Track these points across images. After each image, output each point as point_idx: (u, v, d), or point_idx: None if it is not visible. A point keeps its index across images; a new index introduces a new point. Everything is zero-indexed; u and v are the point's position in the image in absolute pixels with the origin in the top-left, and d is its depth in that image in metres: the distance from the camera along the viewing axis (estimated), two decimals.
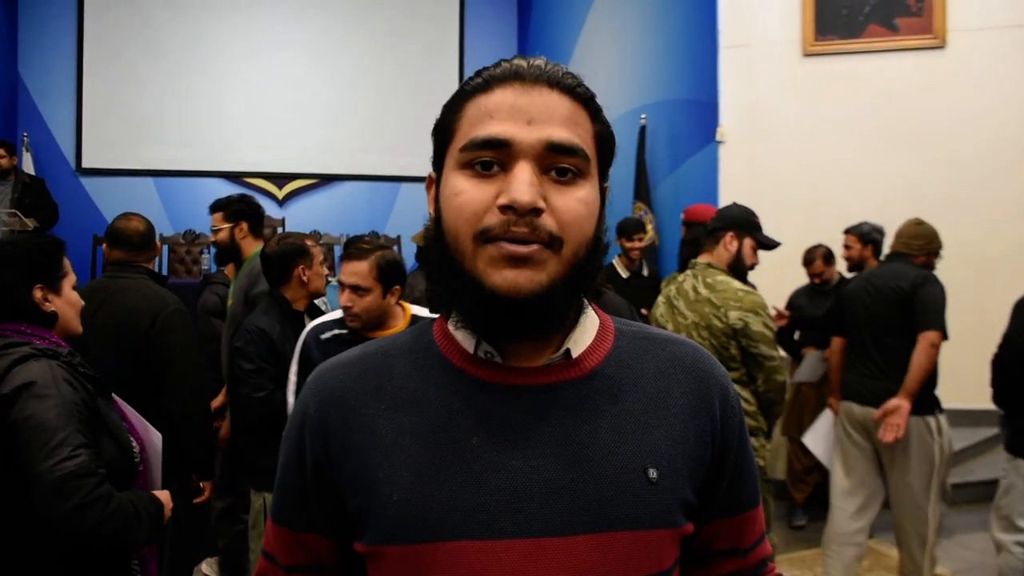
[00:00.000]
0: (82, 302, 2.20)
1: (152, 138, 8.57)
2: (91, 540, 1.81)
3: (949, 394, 4.48)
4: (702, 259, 3.31)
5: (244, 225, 4.05)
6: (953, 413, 5.38)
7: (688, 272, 3.32)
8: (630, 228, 5.49)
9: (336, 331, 2.75)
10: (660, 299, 3.36)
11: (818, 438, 4.15)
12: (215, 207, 4.08)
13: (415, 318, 2.69)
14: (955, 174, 6.09)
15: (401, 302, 2.84)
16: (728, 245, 3.31)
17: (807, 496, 5.17)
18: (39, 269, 2.04)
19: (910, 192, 6.15)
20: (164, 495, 2.08)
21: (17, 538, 1.85)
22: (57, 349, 1.95)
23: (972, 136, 6.08)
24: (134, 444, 2.04)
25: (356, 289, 2.67)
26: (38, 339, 1.97)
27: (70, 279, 2.13)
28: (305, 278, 3.30)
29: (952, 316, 4.40)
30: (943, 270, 5.08)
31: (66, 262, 2.14)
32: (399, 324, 2.75)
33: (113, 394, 2.12)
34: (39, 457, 1.76)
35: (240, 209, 4.06)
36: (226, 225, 4.02)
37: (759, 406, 3.24)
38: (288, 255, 3.26)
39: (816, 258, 5.15)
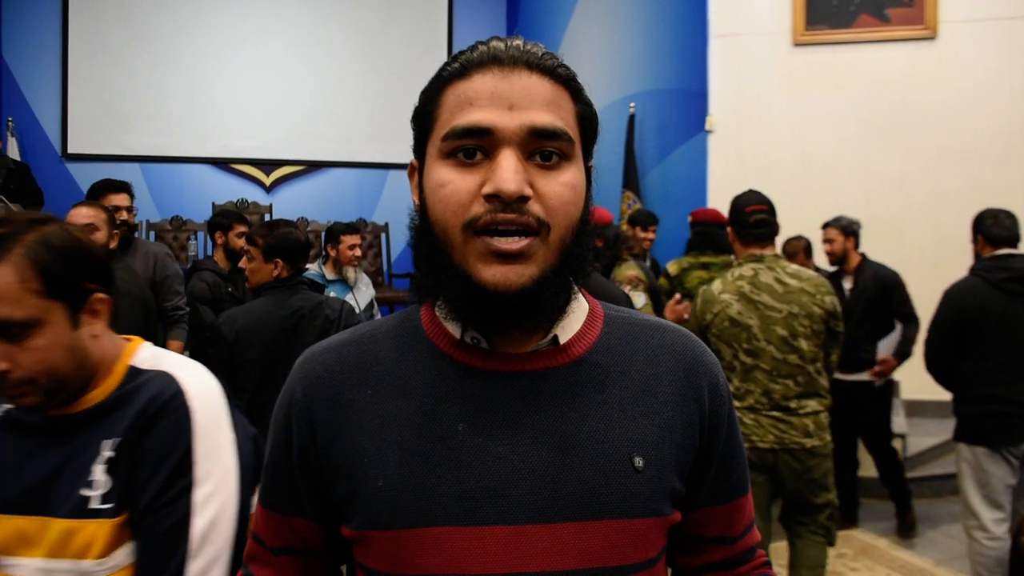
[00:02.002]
0: None
1: (138, 124, 8.49)
2: None
3: (939, 387, 4.52)
4: (768, 251, 3.22)
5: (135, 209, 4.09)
6: (942, 404, 5.41)
7: (751, 266, 3.19)
8: (644, 219, 5.48)
9: None
10: (727, 298, 3.15)
11: None
12: (117, 187, 3.96)
13: (134, 372, 1.37)
14: (942, 166, 6.12)
15: (128, 337, 1.45)
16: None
17: None
18: None
19: (897, 183, 6.18)
20: None
21: None
22: None
23: (960, 128, 6.11)
24: None
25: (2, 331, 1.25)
26: None
27: None
28: None
29: None
30: (928, 264, 5.12)
31: None
32: (109, 381, 1.35)
33: None
34: None
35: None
36: (134, 206, 4.03)
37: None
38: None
39: (799, 251, 5.16)
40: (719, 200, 6.43)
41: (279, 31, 8.82)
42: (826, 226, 4.91)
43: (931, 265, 5.34)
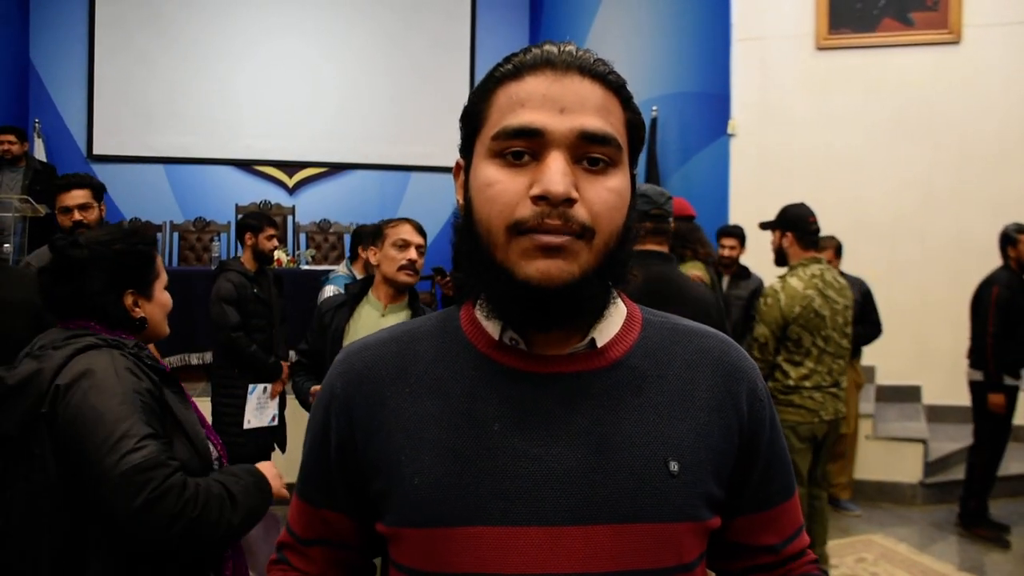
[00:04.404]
0: (171, 302, 2.01)
1: (163, 125, 8.58)
2: (165, 538, 1.58)
3: (960, 393, 4.51)
4: (821, 255, 3.93)
5: (103, 207, 3.72)
6: (963, 410, 5.41)
7: (817, 267, 3.81)
8: (729, 230, 5.49)
9: None
10: (811, 293, 3.74)
11: None
12: (80, 183, 3.53)
13: None
14: (964, 168, 6.09)
15: None
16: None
17: None
18: (131, 274, 1.86)
19: (921, 186, 6.15)
20: (268, 466, 1.86)
21: (86, 546, 1.64)
22: (122, 340, 1.78)
23: (984, 131, 6.07)
24: (212, 449, 1.83)
25: None
26: (107, 334, 1.81)
27: (162, 280, 1.96)
28: None
29: (962, 308, 4.39)
30: (951, 265, 5.09)
31: (158, 262, 1.96)
32: None
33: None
34: (102, 452, 1.56)
35: (101, 187, 3.67)
36: (95, 203, 3.58)
37: None
38: None
39: (829, 248, 5.13)
40: (741, 203, 6.42)
41: (303, 33, 8.88)
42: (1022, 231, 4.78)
43: (955, 266, 5.32)
